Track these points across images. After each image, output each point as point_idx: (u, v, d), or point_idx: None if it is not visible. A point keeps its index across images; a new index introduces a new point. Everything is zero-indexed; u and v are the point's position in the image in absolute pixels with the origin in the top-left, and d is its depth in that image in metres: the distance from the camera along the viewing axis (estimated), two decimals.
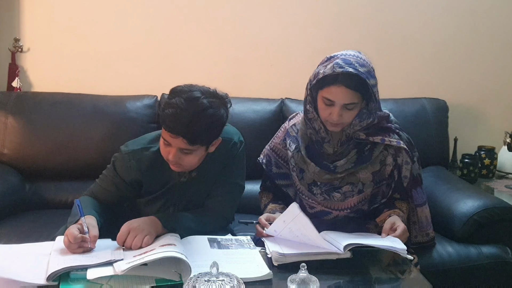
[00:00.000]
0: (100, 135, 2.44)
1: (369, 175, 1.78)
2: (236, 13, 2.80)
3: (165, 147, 1.61)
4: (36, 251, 1.48)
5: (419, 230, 1.89)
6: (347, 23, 2.84)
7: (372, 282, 1.44)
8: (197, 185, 1.75)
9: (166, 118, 1.54)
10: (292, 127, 1.89)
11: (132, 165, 1.71)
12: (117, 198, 1.76)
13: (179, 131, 1.53)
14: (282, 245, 1.54)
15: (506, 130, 2.69)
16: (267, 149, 1.96)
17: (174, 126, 1.53)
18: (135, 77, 2.79)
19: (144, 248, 1.45)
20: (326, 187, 1.79)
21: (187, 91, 1.57)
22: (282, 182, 1.90)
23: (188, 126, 1.52)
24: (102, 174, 1.78)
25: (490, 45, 2.89)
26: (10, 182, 2.35)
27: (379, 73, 1.78)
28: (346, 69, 1.62)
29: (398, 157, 1.79)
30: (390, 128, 1.81)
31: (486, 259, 2.04)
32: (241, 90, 2.76)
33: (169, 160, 1.62)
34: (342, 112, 1.67)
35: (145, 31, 2.78)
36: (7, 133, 2.44)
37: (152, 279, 1.33)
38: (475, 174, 2.74)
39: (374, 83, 1.69)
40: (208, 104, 1.55)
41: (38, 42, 2.75)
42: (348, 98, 1.66)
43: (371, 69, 1.69)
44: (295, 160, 1.84)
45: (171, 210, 1.77)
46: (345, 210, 1.79)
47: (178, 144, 1.56)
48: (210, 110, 1.55)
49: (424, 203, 1.87)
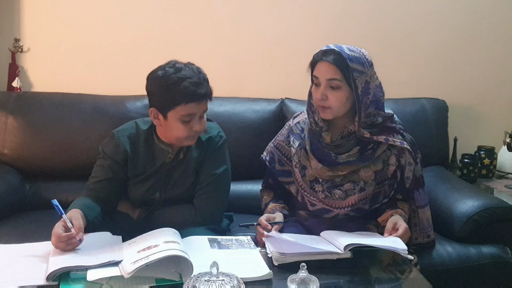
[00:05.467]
0: (100, 135, 2.43)
1: (371, 174, 1.78)
2: (236, 13, 2.80)
3: (186, 124, 1.67)
4: (36, 251, 1.48)
5: (420, 231, 1.89)
6: (347, 23, 2.84)
7: (372, 282, 1.44)
8: (181, 168, 1.78)
9: (187, 90, 1.62)
10: (296, 125, 1.91)
11: (121, 142, 1.76)
12: (113, 186, 1.77)
13: (203, 94, 1.66)
14: (282, 245, 1.54)
15: (506, 130, 2.69)
16: (270, 146, 1.97)
17: (200, 91, 1.65)
18: (135, 77, 2.77)
19: (148, 243, 1.44)
20: (328, 184, 1.80)
21: (171, 66, 1.69)
22: (284, 179, 1.91)
23: (205, 85, 1.67)
24: (94, 168, 1.81)
25: (490, 45, 2.89)
26: (10, 182, 2.35)
27: (379, 73, 1.78)
28: (331, 47, 1.71)
29: (402, 158, 1.79)
30: (394, 128, 1.82)
31: (486, 259, 2.04)
32: (241, 90, 2.76)
33: (195, 132, 1.69)
34: (326, 91, 1.70)
35: (145, 31, 2.78)
36: (7, 133, 2.44)
37: (152, 279, 1.33)
38: (475, 174, 2.74)
39: (358, 69, 1.69)
40: (191, 64, 1.72)
41: (38, 42, 2.75)
42: (329, 73, 1.69)
43: (362, 58, 1.72)
44: (298, 157, 1.84)
45: (157, 195, 1.78)
46: (345, 208, 1.79)
47: (203, 108, 1.69)
48: (199, 68, 1.73)
49: (425, 205, 1.87)
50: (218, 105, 2.54)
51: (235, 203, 2.21)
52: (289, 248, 1.51)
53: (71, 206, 1.65)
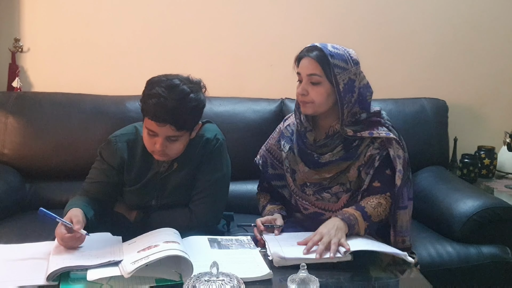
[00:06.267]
0: (100, 135, 2.43)
1: (355, 171, 1.74)
2: (236, 13, 2.80)
3: (150, 138, 1.63)
4: (36, 251, 1.48)
5: (395, 234, 1.74)
6: (348, 23, 2.84)
7: (372, 282, 1.44)
8: (177, 177, 1.76)
9: (151, 108, 1.57)
10: (286, 128, 1.90)
11: (118, 148, 1.74)
12: (108, 189, 1.76)
13: (166, 118, 1.57)
14: (283, 247, 1.54)
15: (506, 130, 2.69)
16: (263, 150, 1.96)
17: (161, 114, 1.56)
18: (135, 77, 2.77)
19: (148, 243, 1.44)
20: (316, 187, 1.79)
21: (165, 80, 1.61)
22: (277, 183, 1.91)
23: (174, 112, 1.56)
24: (91, 169, 1.80)
25: (490, 45, 2.89)
26: (10, 182, 2.35)
27: (379, 73, 1.78)
28: (315, 44, 1.71)
29: (390, 149, 1.71)
30: (379, 122, 1.76)
31: (486, 259, 2.04)
32: (241, 90, 2.76)
33: (156, 150, 1.64)
34: (307, 86, 1.70)
35: (145, 31, 2.78)
36: (7, 133, 2.44)
37: (152, 279, 1.33)
38: (475, 174, 2.74)
39: (339, 65, 1.67)
40: (188, 89, 1.61)
41: (38, 42, 2.75)
42: (309, 68, 1.69)
43: (346, 55, 1.70)
44: (288, 161, 1.84)
45: (153, 202, 1.77)
46: (337, 211, 1.75)
47: (166, 132, 1.60)
48: (192, 95, 1.61)
49: (406, 207, 1.75)
50: (218, 105, 2.54)
51: (235, 203, 2.21)
52: (290, 251, 1.51)
53: (69, 204, 1.64)
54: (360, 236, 1.64)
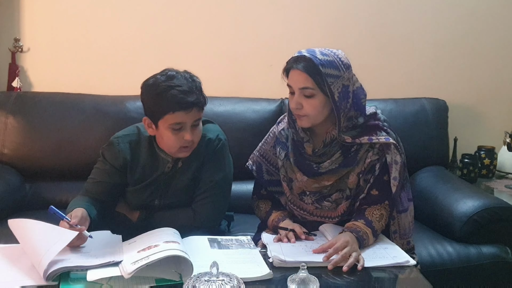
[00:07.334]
0: (100, 135, 2.43)
1: (355, 177, 1.70)
2: (235, 13, 2.80)
3: (176, 134, 1.64)
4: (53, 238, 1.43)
5: (400, 238, 1.75)
6: (347, 23, 2.84)
7: (372, 282, 1.44)
8: (181, 176, 1.76)
9: (174, 99, 1.59)
10: (281, 132, 1.82)
11: (120, 149, 1.74)
12: (110, 189, 1.76)
13: (192, 102, 1.60)
14: (284, 250, 1.54)
15: (506, 130, 2.69)
16: (256, 155, 1.87)
17: (185, 100, 1.59)
18: (135, 77, 2.76)
19: (148, 243, 1.44)
20: (316, 196, 1.74)
21: (163, 75, 1.65)
22: (274, 189, 1.84)
23: (195, 93, 1.62)
24: (93, 169, 1.80)
25: (489, 45, 2.89)
26: (10, 182, 2.35)
27: (379, 73, 1.77)
28: (302, 53, 1.62)
29: (388, 154, 1.68)
30: (377, 126, 1.70)
31: (486, 259, 2.04)
32: (241, 90, 2.76)
33: (185, 143, 1.65)
34: (300, 100, 1.63)
35: (145, 31, 2.78)
36: (7, 133, 2.45)
37: (152, 279, 1.33)
38: (475, 174, 2.74)
39: (332, 74, 1.59)
40: (185, 72, 1.68)
41: (38, 42, 2.75)
42: (301, 82, 1.61)
43: (337, 61, 1.61)
44: (285, 169, 1.78)
45: (156, 202, 1.77)
46: (336, 218, 1.74)
47: (193, 117, 1.62)
48: (194, 76, 1.68)
49: (406, 209, 1.75)
50: (218, 105, 2.54)
51: (235, 203, 2.19)
52: (291, 255, 1.50)
53: (72, 204, 1.65)
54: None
